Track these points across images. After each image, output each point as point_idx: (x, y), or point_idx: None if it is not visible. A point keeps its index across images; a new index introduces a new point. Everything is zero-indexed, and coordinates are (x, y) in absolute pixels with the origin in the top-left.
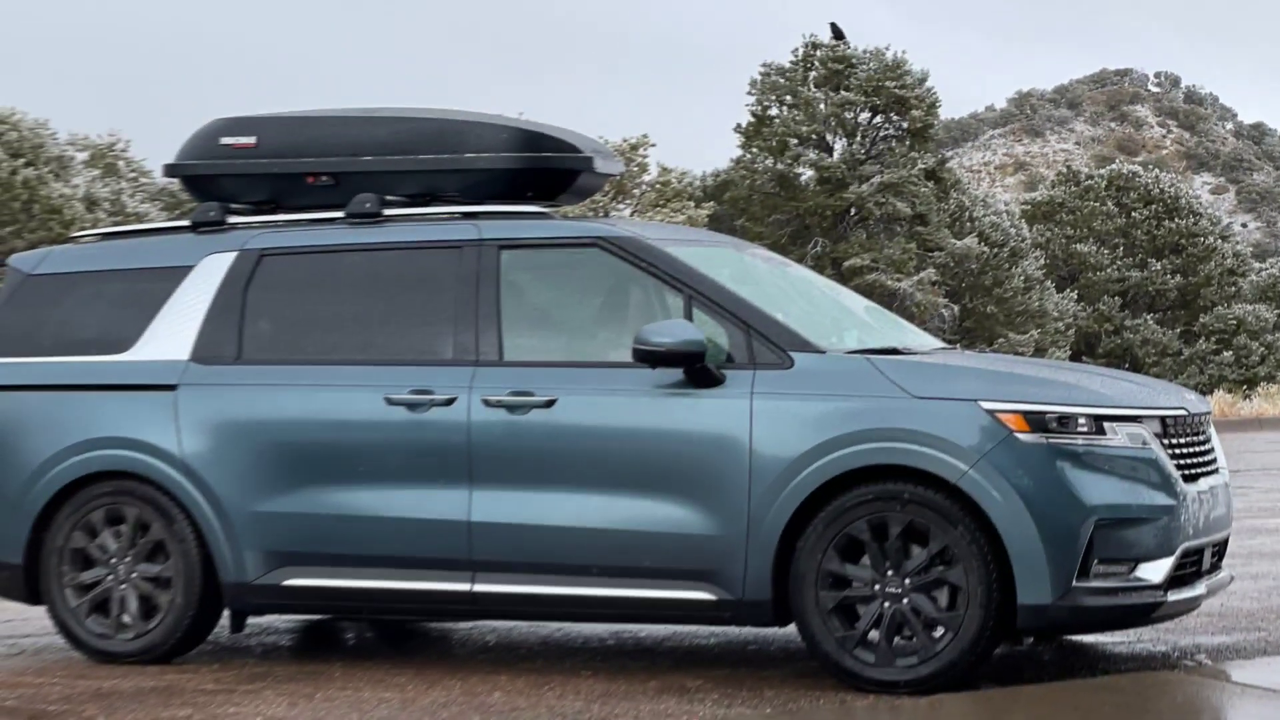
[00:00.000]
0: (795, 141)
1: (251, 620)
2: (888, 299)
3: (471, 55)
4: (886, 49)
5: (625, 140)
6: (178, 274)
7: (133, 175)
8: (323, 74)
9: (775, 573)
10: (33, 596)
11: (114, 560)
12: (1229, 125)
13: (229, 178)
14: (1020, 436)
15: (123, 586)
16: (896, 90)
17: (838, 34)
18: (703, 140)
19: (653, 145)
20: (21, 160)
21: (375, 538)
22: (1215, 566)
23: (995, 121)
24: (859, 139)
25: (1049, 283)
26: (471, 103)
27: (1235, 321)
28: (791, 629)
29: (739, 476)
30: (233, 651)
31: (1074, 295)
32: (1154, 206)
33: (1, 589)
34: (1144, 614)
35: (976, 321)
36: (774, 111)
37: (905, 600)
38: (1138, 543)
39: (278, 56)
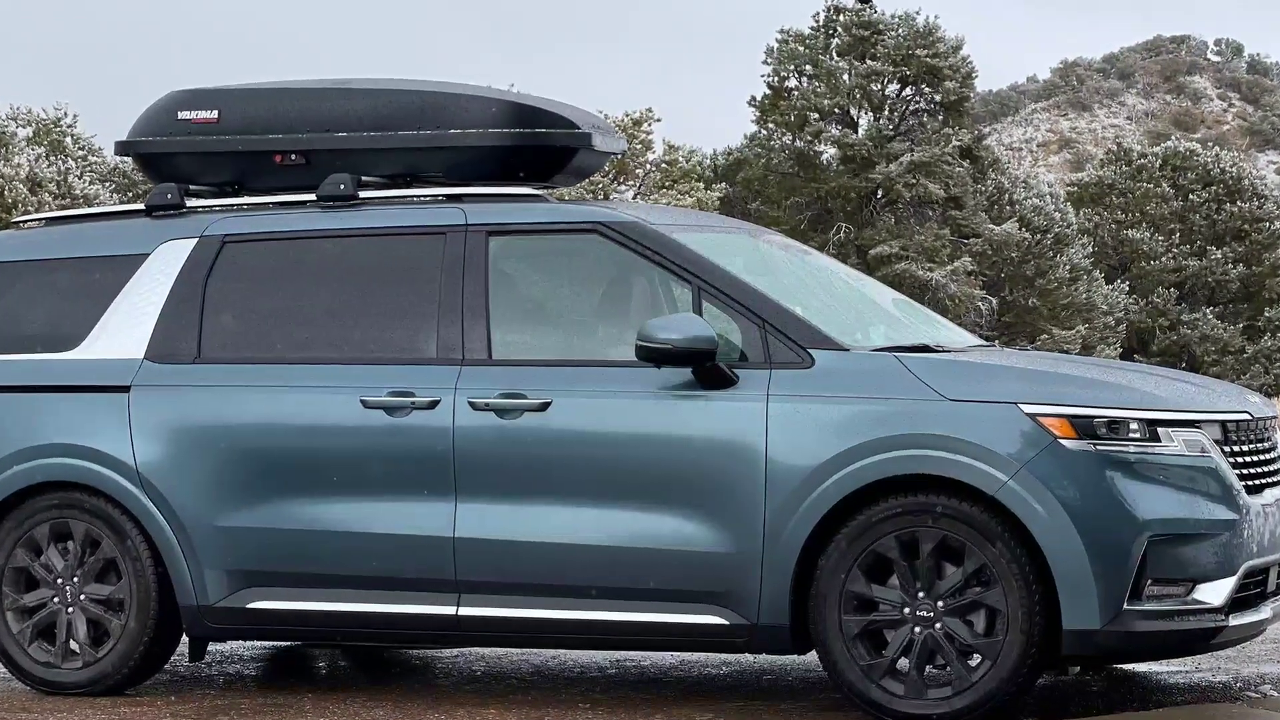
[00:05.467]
0: (816, 116)
1: (213, 647)
2: (918, 291)
3: (460, 22)
4: (917, 14)
5: (627, 115)
6: (131, 263)
7: (81, 153)
8: (295, 42)
9: (794, 594)
10: None
11: (60, 581)
12: None
13: (188, 156)
14: (1065, 443)
15: (70, 610)
16: (928, 59)
17: None
18: (713, 115)
19: (658, 120)
20: None
21: (350, 556)
22: None
23: (1038, 94)
24: (887, 113)
25: (1097, 273)
26: (459, 74)
27: None
28: (812, 657)
29: (753, 487)
30: (192, 682)
31: (1125, 287)
32: (1214, 188)
33: None
34: (1203, 640)
35: (1017, 316)
36: (792, 83)
37: (938, 625)
38: (1196, 561)
39: (245, 22)
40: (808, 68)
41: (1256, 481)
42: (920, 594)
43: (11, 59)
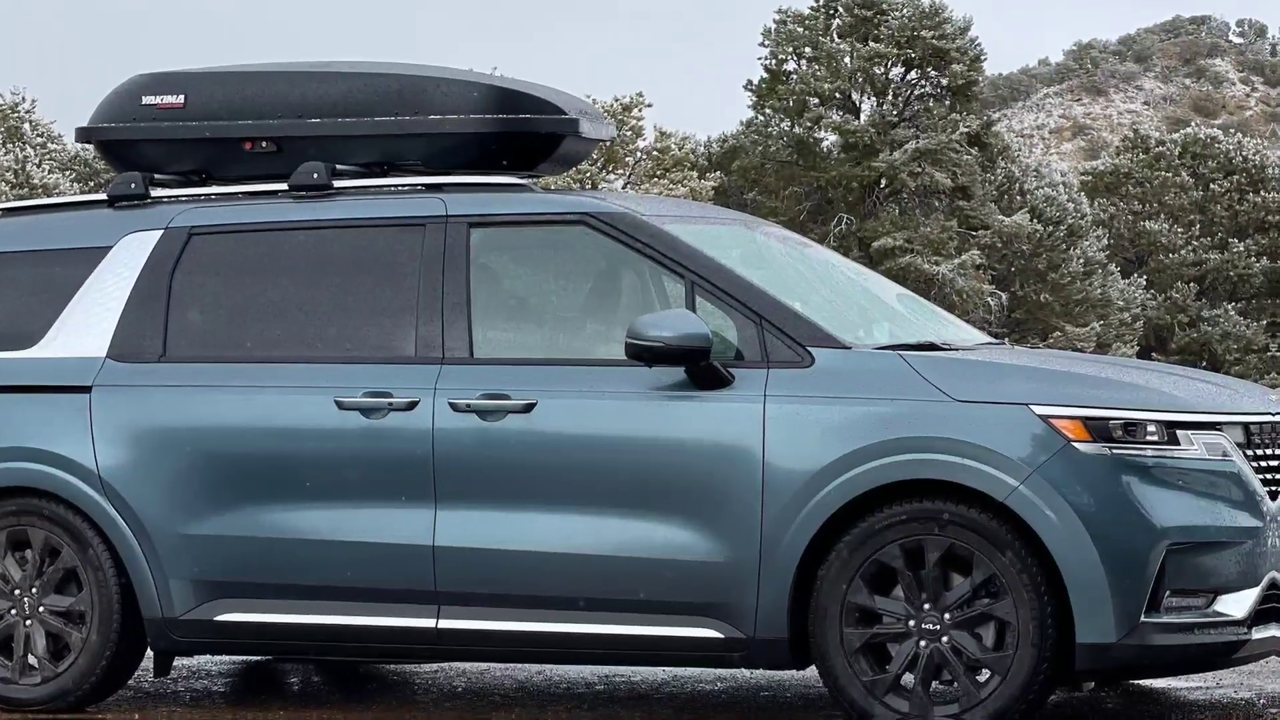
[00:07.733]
0: (816, 101)
1: (179, 662)
2: (924, 285)
3: (441, 4)
4: None
5: (617, 100)
6: (92, 256)
7: (40, 141)
8: (271, 26)
9: (793, 606)
10: None
11: (18, 592)
12: None
13: (153, 144)
14: (1079, 446)
15: (28, 622)
16: (934, 41)
17: None
18: (707, 100)
19: (649, 105)
20: None
21: (324, 565)
22: None
23: (1050, 78)
24: (890, 98)
25: (1113, 267)
26: (440, 58)
27: None
28: (811, 672)
29: (750, 493)
30: (157, 698)
31: (1142, 281)
32: (1236, 177)
33: None
34: (1224, 654)
35: (1028, 312)
36: (791, 66)
37: (945, 638)
38: (1217, 571)
39: (217, 3)
40: (807, 50)
41: None
42: (926, 606)
43: None
